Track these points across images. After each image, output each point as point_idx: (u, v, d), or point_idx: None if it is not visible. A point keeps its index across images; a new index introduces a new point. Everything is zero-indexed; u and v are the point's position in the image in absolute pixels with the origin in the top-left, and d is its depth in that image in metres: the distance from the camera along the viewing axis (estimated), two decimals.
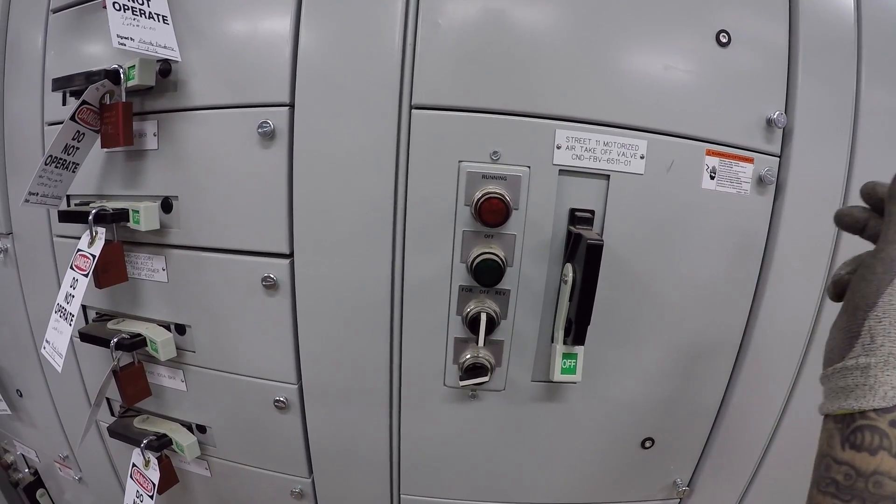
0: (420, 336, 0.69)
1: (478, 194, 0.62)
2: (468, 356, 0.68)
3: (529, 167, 0.63)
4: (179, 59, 0.68)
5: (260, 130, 0.66)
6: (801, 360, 0.74)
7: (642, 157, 0.64)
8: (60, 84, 0.76)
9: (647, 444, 0.75)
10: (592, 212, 0.65)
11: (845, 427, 0.43)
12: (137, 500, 0.84)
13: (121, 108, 0.71)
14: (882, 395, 0.41)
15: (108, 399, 0.90)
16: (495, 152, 0.62)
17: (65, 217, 0.77)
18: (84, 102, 0.71)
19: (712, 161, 0.65)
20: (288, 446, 0.80)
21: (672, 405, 0.74)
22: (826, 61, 0.66)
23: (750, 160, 0.66)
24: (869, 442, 0.42)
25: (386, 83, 0.63)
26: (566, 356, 0.64)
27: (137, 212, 0.73)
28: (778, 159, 0.67)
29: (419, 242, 0.66)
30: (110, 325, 0.81)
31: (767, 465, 0.80)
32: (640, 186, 0.64)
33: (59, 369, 0.73)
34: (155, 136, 0.73)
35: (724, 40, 0.63)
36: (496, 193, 0.61)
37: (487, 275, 0.61)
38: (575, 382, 0.65)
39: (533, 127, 0.62)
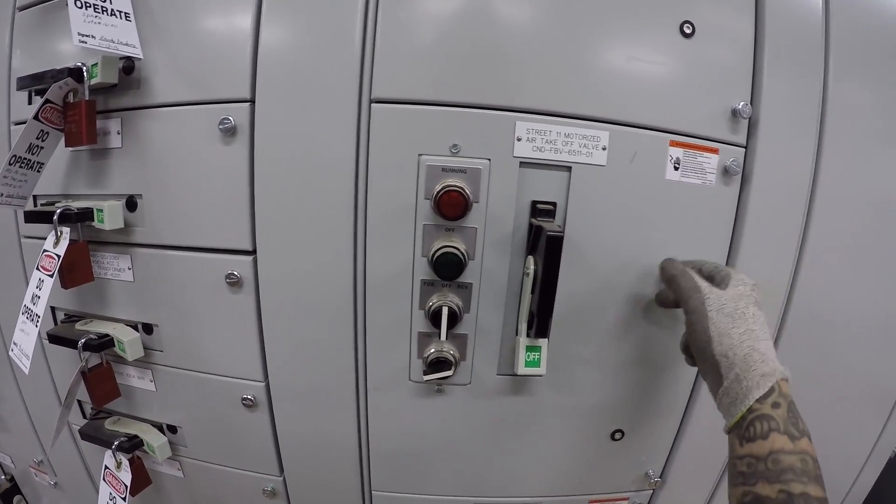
0: (384, 331, 0.70)
1: (437, 187, 0.62)
2: (432, 350, 0.68)
3: (489, 160, 0.63)
4: (142, 57, 0.69)
5: (221, 127, 0.67)
6: (776, 331, 0.76)
7: (604, 149, 0.64)
8: (25, 83, 0.77)
9: (617, 435, 0.76)
10: (554, 204, 0.65)
11: (740, 429, 0.51)
12: (111, 503, 0.85)
13: (84, 106, 0.71)
14: (756, 386, 0.51)
15: (79, 402, 0.91)
16: (455, 145, 0.63)
17: (30, 217, 0.78)
18: (47, 101, 0.72)
19: (676, 152, 0.65)
20: (258, 445, 0.81)
21: (641, 397, 0.75)
22: (793, 52, 0.67)
23: (715, 151, 0.66)
24: (759, 430, 0.50)
25: (346, 77, 0.64)
26: (530, 349, 0.65)
27: (101, 211, 0.73)
28: (744, 150, 0.67)
29: (380, 237, 0.67)
30: (78, 325, 0.82)
31: None
32: (603, 178, 0.65)
33: (27, 371, 0.74)
34: (119, 134, 0.74)
35: (687, 31, 0.63)
36: (455, 187, 0.61)
37: (448, 268, 0.62)
38: (540, 375, 0.66)
39: (492, 119, 0.63)
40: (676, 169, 0.66)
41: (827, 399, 0.82)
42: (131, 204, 0.76)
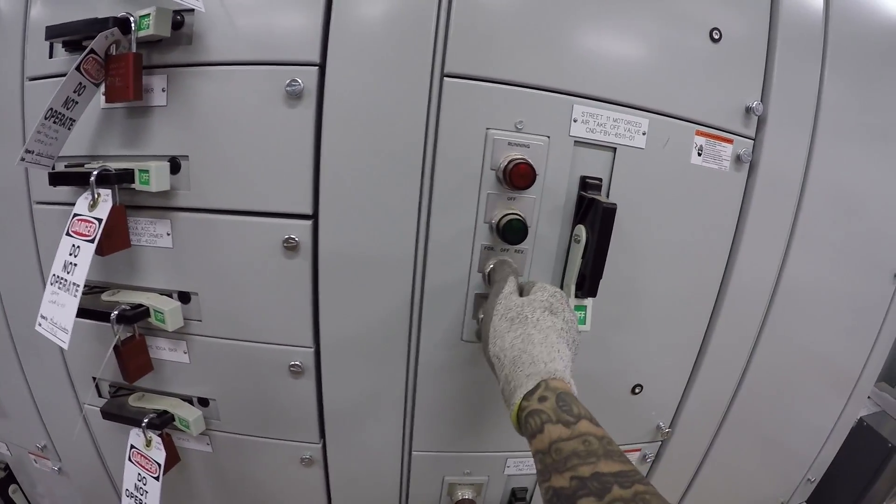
0: (441, 293, 0.77)
1: (505, 159, 0.70)
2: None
3: (549, 137, 0.72)
4: (203, 10, 0.69)
5: (289, 89, 0.69)
6: (766, 308, 0.91)
7: (644, 134, 0.75)
8: (56, 32, 0.74)
9: (637, 390, 0.88)
10: (600, 179, 0.75)
11: (520, 428, 0.54)
12: (140, 484, 0.84)
13: (132, 59, 0.70)
14: (521, 385, 0.54)
15: (93, 379, 0.89)
16: (520, 122, 0.71)
17: (57, 179, 0.76)
18: (92, 51, 0.70)
19: (700, 140, 0.78)
20: (300, 412, 0.84)
21: (659, 353, 0.88)
22: (797, 59, 0.81)
23: (730, 141, 0.79)
24: (535, 424, 0.51)
25: (420, 50, 0.69)
26: (577, 308, 0.74)
27: (147, 172, 0.72)
28: (752, 142, 0.81)
29: (445, 204, 0.73)
30: (105, 296, 0.80)
31: (734, 411, 0.97)
32: (641, 159, 0.76)
33: (66, 346, 0.71)
34: (164, 91, 0.74)
35: (716, 37, 0.75)
36: (524, 159, 0.69)
37: (514, 233, 0.70)
38: (585, 331, 0.75)
39: (554, 101, 0.72)
40: (700, 155, 0.78)
41: (798, 378, 1.01)
42: (174, 166, 0.75)
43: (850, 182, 0.89)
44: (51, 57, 0.79)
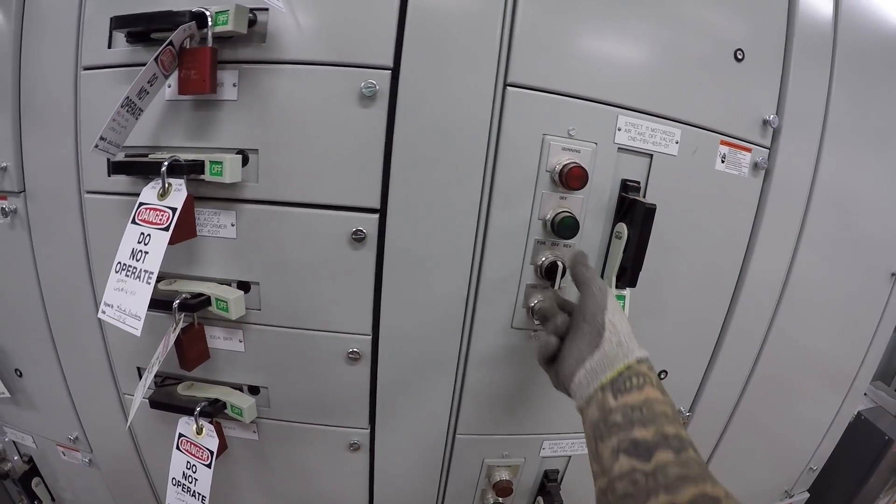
0: (495, 283, 0.85)
1: (560, 163, 0.79)
2: (537, 300, 0.84)
3: (596, 143, 0.81)
4: (284, 10, 0.74)
5: (365, 90, 0.75)
6: (776, 305, 1.04)
7: (677, 143, 0.86)
8: (124, 22, 0.78)
9: (662, 375, 0.98)
10: (639, 182, 0.85)
11: (613, 386, 0.61)
12: (189, 472, 0.87)
13: (209, 53, 0.75)
14: (636, 349, 0.64)
15: (137, 369, 0.93)
16: (572, 129, 0.79)
17: (120, 168, 0.79)
18: (170, 44, 0.74)
19: (724, 149, 0.89)
20: (352, 398, 0.90)
21: (682, 342, 0.99)
22: (808, 72, 0.92)
23: (749, 150, 0.91)
24: (636, 382, 0.60)
25: (487, 59, 0.76)
26: (617, 297, 0.84)
27: (219, 163, 0.76)
28: (768, 151, 0.93)
29: (503, 201, 0.81)
30: (162, 286, 0.83)
31: (745, 400, 1.09)
32: (673, 165, 0.87)
33: (138, 332, 0.73)
34: (234, 86, 0.78)
35: (739, 57, 0.86)
36: (579, 164, 0.78)
37: (568, 230, 0.79)
38: None
39: (601, 112, 0.81)
40: (723, 162, 0.89)
41: (801, 373, 1.15)
42: (244, 159, 0.79)
43: (850, 185, 1.01)
44: (109, 47, 0.82)
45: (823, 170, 0.97)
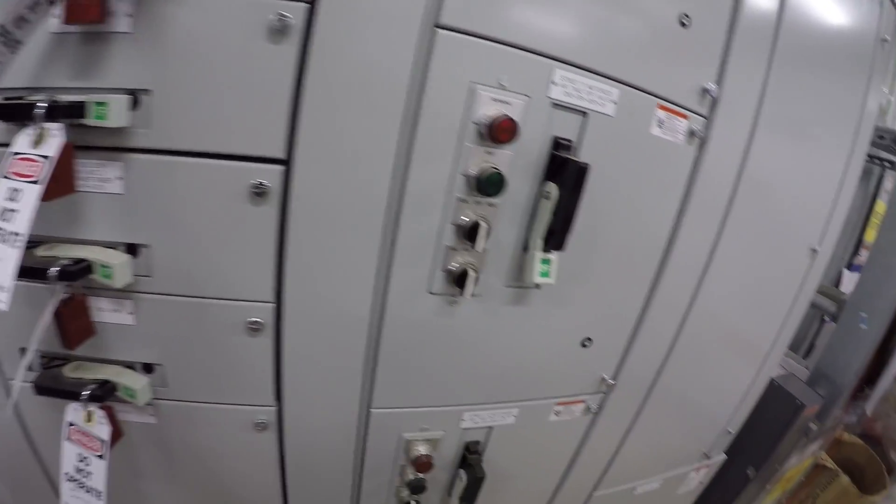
0: (412, 245, 0.82)
1: (489, 114, 0.76)
2: (457, 263, 0.82)
3: (529, 97, 0.78)
4: None
5: (275, 23, 0.68)
6: (701, 274, 1.05)
7: (614, 103, 0.84)
8: None
9: (587, 343, 0.98)
10: (571, 140, 0.83)
11: None
12: (82, 465, 0.80)
13: None
14: None
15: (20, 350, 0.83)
16: (503, 79, 0.76)
17: None
18: None
19: (661, 114, 0.88)
20: (255, 373, 0.85)
21: (608, 307, 0.99)
22: (749, 52, 0.92)
23: (686, 117, 0.90)
24: None
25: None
26: (543, 262, 0.82)
27: (104, 105, 0.67)
28: (705, 120, 0.92)
29: (423, 154, 0.77)
30: (40, 251, 0.73)
31: (667, 368, 1.11)
32: (609, 125, 0.85)
33: (6, 307, 0.65)
34: (129, 16, 0.69)
35: (685, 22, 0.85)
36: (509, 116, 0.75)
37: (494, 186, 0.77)
38: (550, 284, 0.84)
39: (537, 63, 0.78)
40: (660, 127, 0.88)
41: (720, 343, 1.18)
42: (134, 101, 0.70)
43: (777, 166, 1.04)
44: None
45: (756, 147, 0.98)
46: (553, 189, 0.81)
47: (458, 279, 0.82)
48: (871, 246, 1.73)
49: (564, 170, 0.80)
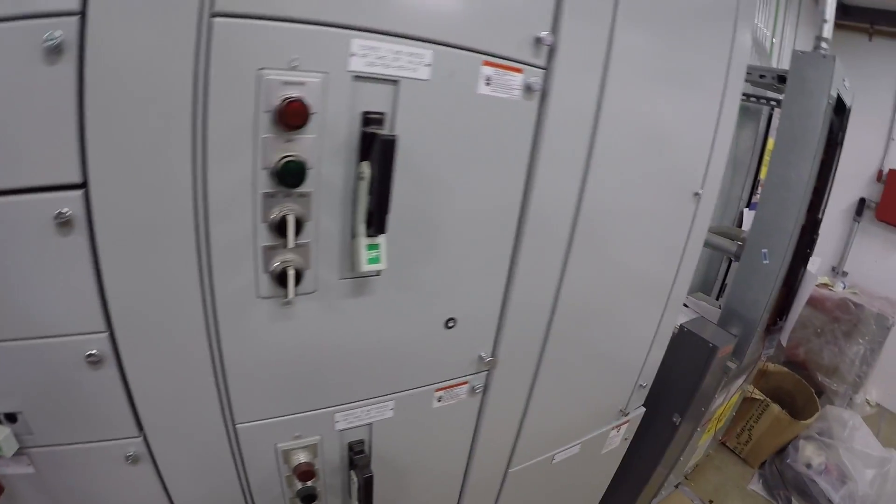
0: (228, 249, 0.77)
1: (278, 99, 0.71)
2: (278, 262, 0.78)
3: (327, 73, 0.73)
4: None
5: (46, 44, 0.62)
6: (571, 230, 1.01)
7: (428, 66, 0.78)
8: None
9: (451, 324, 0.94)
10: (383, 114, 0.78)
11: None
12: None
13: None
14: None
15: None
16: (294, 59, 0.71)
17: None
18: None
19: (488, 70, 0.82)
20: (111, 406, 0.82)
21: (466, 284, 0.95)
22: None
23: (519, 70, 0.84)
24: None
25: None
26: (370, 247, 0.78)
27: None
28: (544, 71, 0.86)
29: (220, 153, 0.72)
30: None
31: (555, 330, 1.08)
32: (426, 91, 0.79)
33: None
34: None
35: None
36: (296, 97, 0.70)
37: (292, 176, 0.72)
38: (381, 270, 0.80)
39: (330, 36, 0.72)
40: (488, 84, 0.82)
41: (617, 293, 1.12)
42: None
43: (655, 118, 1.01)
44: None
45: (613, 96, 0.93)
46: (366, 168, 0.76)
47: (279, 279, 0.78)
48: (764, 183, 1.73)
49: (373, 146, 0.75)
